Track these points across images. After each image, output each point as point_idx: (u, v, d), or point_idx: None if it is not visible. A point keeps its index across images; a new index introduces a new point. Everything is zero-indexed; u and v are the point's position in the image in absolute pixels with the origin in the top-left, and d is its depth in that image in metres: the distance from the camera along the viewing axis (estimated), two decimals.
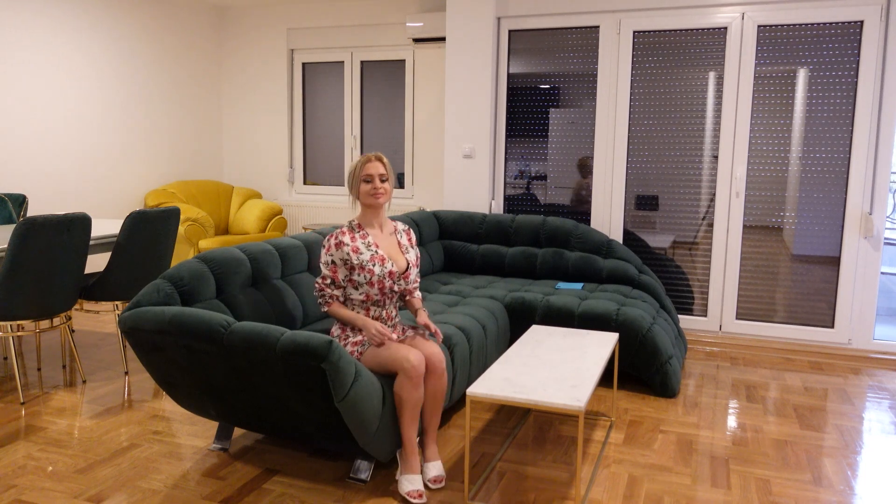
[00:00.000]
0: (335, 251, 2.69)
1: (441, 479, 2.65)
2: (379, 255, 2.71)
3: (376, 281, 2.68)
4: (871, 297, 4.39)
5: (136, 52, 5.92)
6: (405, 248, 2.84)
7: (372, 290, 2.70)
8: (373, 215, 2.78)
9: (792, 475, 2.79)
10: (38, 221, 3.23)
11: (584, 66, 4.94)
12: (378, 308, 2.75)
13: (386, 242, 2.79)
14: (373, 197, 2.71)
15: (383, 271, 2.70)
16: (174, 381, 2.67)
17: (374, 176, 2.70)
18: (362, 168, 2.71)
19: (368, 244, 2.72)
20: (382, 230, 2.81)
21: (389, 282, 2.71)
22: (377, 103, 6.45)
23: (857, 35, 4.26)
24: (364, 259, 2.68)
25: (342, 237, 2.70)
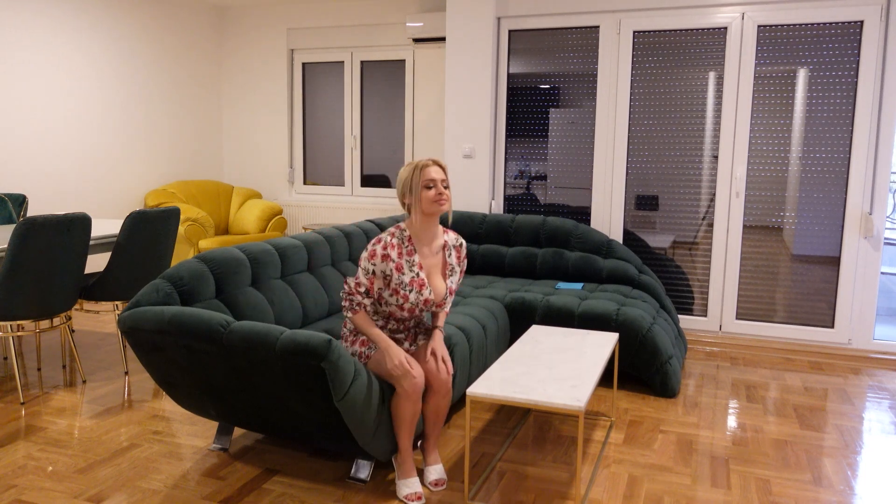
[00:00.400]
0: (379, 262, 2.51)
1: (443, 483, 2.64)
2: (419, 280, 2.55)
3: (408, 308, 2.56)
4: (871, 297, 4.39)
5: (137, 52, 5.92)
6: (450, 269, 2.68)
7: (399, 313, 2.59)
8: (429, 225, 2.58)
9: (792, 475, 2.79)
10: (38, 221, 3.23)
11: (584, 66, 4.94)
12: (397, 322, 2.67)
13: (431, 262, 2.61)
14: (437, 204, 2.51)
15: (419, 299, 2.56)
16: (174, 381, 2.67)
17: (437, 181, 2.51)
18: (422, 173, 2.50)
19: (412, 264, 2.55)
20: (432, 245, 2.62)
21: (422, 307, 2.60)
22: (377, 103, 6.45)
23: (857, 35, 4.26)
24: (403, 281, 2.52)
25: (390, 251, 2.51)
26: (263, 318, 2.99)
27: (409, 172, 2.53)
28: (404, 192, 2.54)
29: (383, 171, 6.49)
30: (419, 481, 2.59)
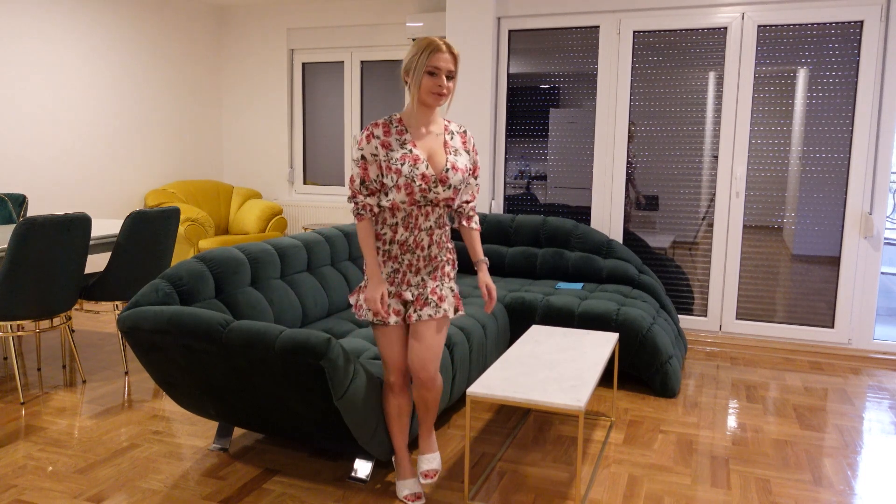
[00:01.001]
0: (365, 144, 2.25)
1: (433, 474, 2.52)
2: (412, 155, 2.24)
3: (403, 184, 2.22)
4: (871, 297, 4.39)
5: (137, 52, 5.92)
6: (452, 150, 2.33)
7: (398, 196, 2.24)
8: (423, 114, 2.29)
9: (792, 475, 2.78)
10: (38, 221, 3.23)
11: (584, 66, 4.94)
12: (407, 232, 2.31)
13: (427, 142, 2.30)
14: (434, 95, 2.22)
15: (413, 172, 2.23)
16: (174, 381, 2.67)
17: (442, 71, 2.20)
18: (430, 56, 2.19)
19: (403, 142, 2.26)
20: (428, 129, 2.32)
21: (422, 186, 2.24)
22: (377, 103, 6.45)
23: (857, 35, 4.26)
24: (394, 157, 2.23)
25: (375, 130, 2.25)
26: (263, 317, 2.99)
27: (418, 50, 2.21)
28: (407, 69, 2.25)
29: None
30: (418, 482, 2.58)
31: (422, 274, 2.36)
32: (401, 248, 2.33)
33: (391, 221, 2.31)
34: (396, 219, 2.30)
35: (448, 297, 2.40)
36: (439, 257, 2.38)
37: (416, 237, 2.32)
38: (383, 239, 2.34)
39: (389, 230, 2.32)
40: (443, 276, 2.39)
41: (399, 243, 2.32)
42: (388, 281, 2.36)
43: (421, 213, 2.30)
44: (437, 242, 2.36)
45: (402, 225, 2.30)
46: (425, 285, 2.37)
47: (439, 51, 2.19)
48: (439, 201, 2.30)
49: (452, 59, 2.23)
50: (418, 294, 2.36)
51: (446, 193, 2.29)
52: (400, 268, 2.35)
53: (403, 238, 2.31)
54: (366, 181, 2.27)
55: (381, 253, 2.35)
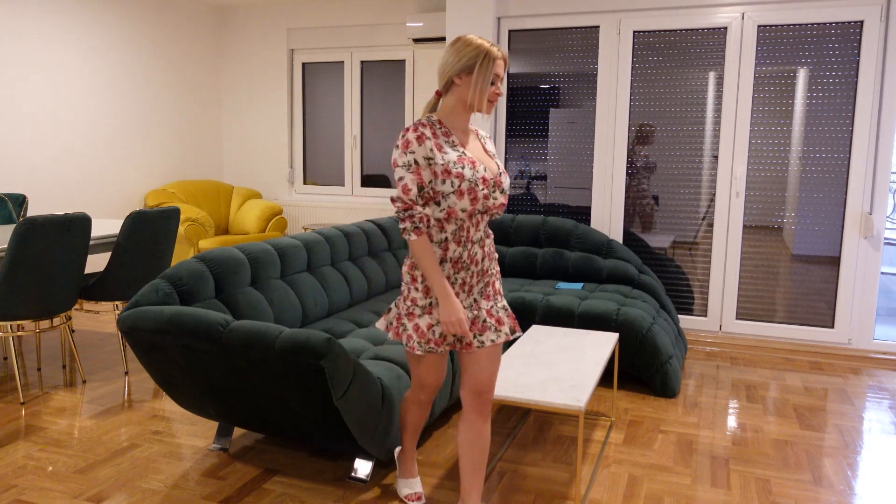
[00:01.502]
0: (417, 146, 1.99)
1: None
2: (468, 157, 2.06)
3: (467, 189, 2.00)
4: (871, 297, 4.39)
5: (136, 52, 5.92)
6: (492, 154, 2.20)
7: (460, 204, 2.01)
8: (463, 119, 2.12)
9: (792, 475, 2.78)
10: (38, 221, 3.23)
11: (584, 66, 4.94)
12: (460, 248, 2.07)
13: (471, 143, 2.15)
14: (490, 105, 2.08)
15: (475, 176, 2.03)
16: (174, 381, 2.67)
17: (499, 78, 2.08)
18: (493, 64, 2.03)
19: (452, 143, 2.07)
20: (466, 133, 2.15)
21: (484, 191, 2.04)
22: (377, 103, 6.45)
23: (857, 35, 4.26)
24: (450, 160, 2.01)
25: (424, 130, 2.02)
26: (263, 317, 2.99)
27: (476, 52, 2.02)
28: (459, 71, 2.03)
29: (383, 171, 6.49)
30: (420, 481, 2.58)
31: (474, 293, 2.14)
32: (454, 266, 2.08)
33: (439, 237, 2.06)
34: (445, 233, 2.05)
35: (504, 318, 2.18)
36: (490, 271, 2.18)
37: (470, 251, 2.09)
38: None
39: (439, 248, 2.06)
40: (495, 295, 2.19)
41: (452, 261, 2.08)
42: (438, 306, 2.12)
43: (472, 224, 2.08)
44: (489, 255, 2.17)
45: (453, 240, 2.06)
46: (479, 306, 2.15)
47: (498, 59, 2.05)
48: (495, 208, 2.10)
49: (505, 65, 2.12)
50: (473, 318, 2.13)
51: (501, 199, 2.11)
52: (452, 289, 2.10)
53: (457, 254, 2.07)
54: (423, 187, 2.00)
55: None
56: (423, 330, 2.10)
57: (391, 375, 2.62)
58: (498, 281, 2.23)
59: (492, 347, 2.14)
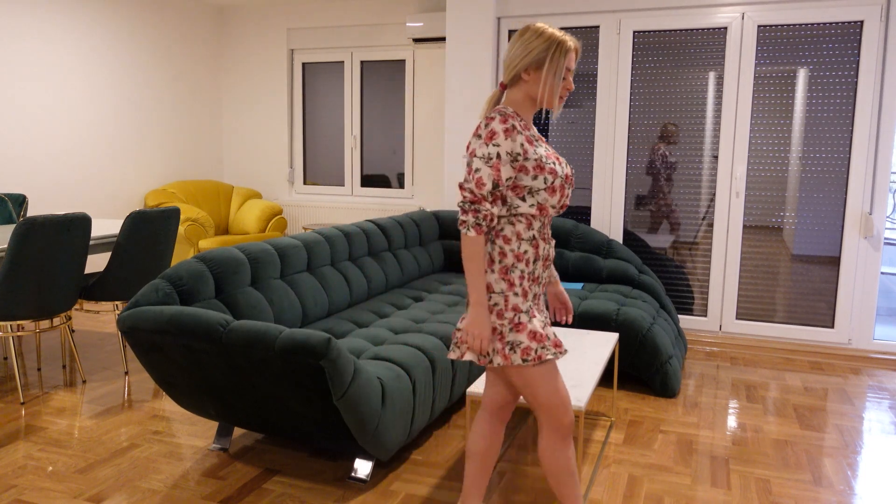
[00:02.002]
0: (503, 139, 1.82)
1: None
2: (552, 153, 1.93)
3: (559, 185, 1.88)
4: (871, 297, 4.39)
5: (136, 52, 5.92)
6: None
7: (551, 200, 1.87)
8: (530, 114, 1.96)
9: (792, 475, 2.78)
10: (38, 221, 3.23)
11: (584, 66, 4.94)
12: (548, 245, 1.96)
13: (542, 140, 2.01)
14: (561, 100, 1.93)
15: (563, 172, 1.91)
16: (174, 381, 2.67)
17: (570, 73, 1.94)
18: (565, 57, 1.88)
19: (536, 138, 1.92)
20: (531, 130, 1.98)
21: (569, 189, 1.94)
22: (377, 103, 6.45)
23: (857, 35, 4.26)
24: (541, 154, 1.86)
25: (514, 122, 1.84)
26: (263, 317, 2.99)
27: (547, 45, 1.87)
28: (527, 66, 1.87)
29: (383, 171, 6.50)
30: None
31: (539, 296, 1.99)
32: (543, 264, 1.95)
33: (528, 235, 1.88)
34: (533, 230, 1.89)
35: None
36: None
37: (551, 250, 1.97)
38: (525, 259, 1.89)
39: (530, 246, 1.89)
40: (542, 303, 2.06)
41: (543, 259, 1.93)
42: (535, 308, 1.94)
43: (548, 222, 1.95)
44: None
45: (540, 237, 1.91)
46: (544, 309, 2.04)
47: (571, 51, 1.90)
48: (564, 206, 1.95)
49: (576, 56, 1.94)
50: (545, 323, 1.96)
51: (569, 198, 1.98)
52: (539, 291, 1.96)
53: (546, 252, 1.94)
54: (499, 185, 1.83)
55: (526, 276, 1.89)
56: (541, 333, 1.88)
57: (391, 375, 2.62)
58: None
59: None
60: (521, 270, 1.89)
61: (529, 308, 1.89)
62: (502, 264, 1.89)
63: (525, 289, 1.89)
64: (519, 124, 1.85)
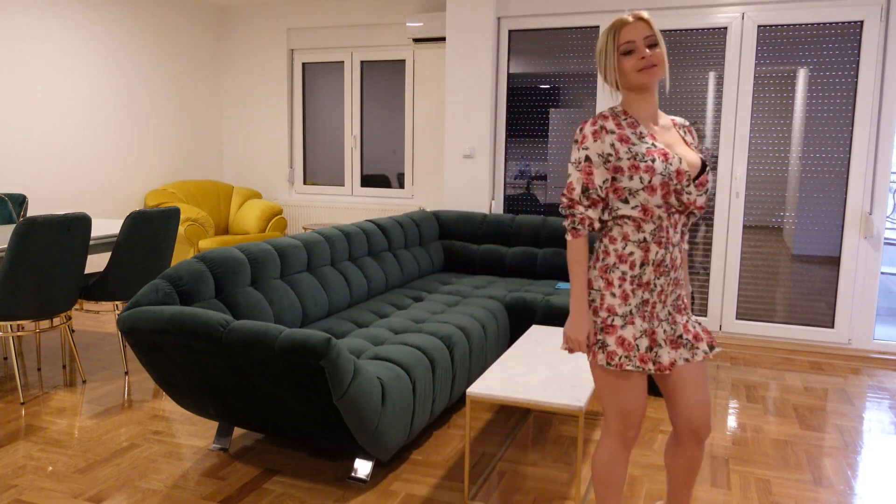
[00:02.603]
0: (591, 142, 1.82)
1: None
2: (658, 149, 1.82)
3: (658, 183, 1.78)
4: (871, 297, 4.39)
5: (136, 52, 5.92)
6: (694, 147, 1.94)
7: (653, 200, 1.80)
8: (643, 101, 1.87)
9: (792, 475, 2.78)
10: (38, 221, 3.23)
11: (584, 66, 4.94)
12: (662, 250, 1.84)
13: (662, 136, 1.88)
14: (645, 73, 1.80)
15: (668, 169, 1.79)
16: (173, 381, 2.67)
17: (638, 41, 1.80)
18: (618, 35, 1.82)
19: (640, 135, 1.84)
20: (657, 123, 1.90)
21: (677, 186, 1.81)
22: (377, 103, 6.45)
23: (857, 35, 4.26)
24: (639, 153, 1.80)
25: (604, 123, 1.83)
26: (263, 317, 2.99)
27: (603, 39, 1.85)
28: (605, 67, 1.85)
29: (383, 171, 6.49)
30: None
31: (668, 305, 1.90)
32: (656, 270, 1.84)
33: (636, 237, 1.84)
34: (644, 233, 1.83)
35: (701, 334, 1.95)
36: (681, 281, 1.93)
37: (672, 255, 1.86)
38: (630, 261, 1.84)
39: (638, 249, 1.84)
40: (685, 308, 1.95)
41: (655, 264, 1.84)
42: (640, 316, 1.86)
43: (671, 224, 1.84)
44: (684, 261, 1.95)
45: (653, 241, 1.83)
46: (674, 320, 1.92)
47: (625, 25, 1.81)
48: (693, 206, 1.84)
49: (645, 25, 1.81)
50: (671, 332, 1.91)
51: (702, 199, 1.86)
52: (650, 297, 1.86)
53: (660, 257, 1.84)
54: (589, 189, 1.83)
55: (628, 279, 1.84)
56: (630, 342, 1.84)
57: (391, 375, 2.62)
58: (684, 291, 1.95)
59: (694, 373, 1.91)
60: (623, 272, 1.85)
61: (628, 313, 1.85)
62: (604, 263, 1.87)
63: (626, 292, 1.84)
64: (613, 123, 1.83)
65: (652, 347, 1.86)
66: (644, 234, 1.83)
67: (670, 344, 1.89)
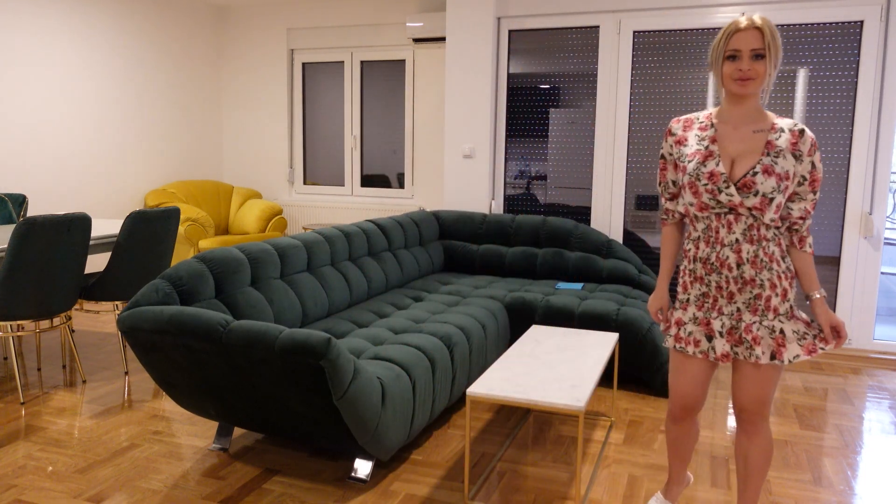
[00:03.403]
0: (664, 142, 2.08)
1: None
2: (705, 151, 1.96)
3: (688, 182, 1.96)
4: (871, 297, 4.38)
5: (136, 52, 5.92)
6: (776, 151, 1.92)
7: (687, 198, 1.98)
8: (733, 106, 1.97)
9: (792, 475, 2.78)
10: (38, 221, 3.23)
11: (584, 66, 4.94)
12: (708, 248, 1.98)
13: (738, 139, 1.95)
14: (738, 83, 1.90)
15: (699, 170, 1.94)
16: (174, 381, 2.67)
17: (744, 52, 1.87)
18: (728, 40, 1.89)
19: (702, 138, 1.99)
20: (743, 126, 1.97)
21: (708, 186, 1.93)
22: (377, 103, 6.45)
23: (857, 35, 4.26)
24: (684, 154, 2.00)
25: (674, 125, 2.05)
26: (263, 317, 2.99)
27: (718, 38, 1.94)
28: (712, 61, 1.97)
29: (383, 171, 6.49)
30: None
31: (737, 302, 1.98)
32: (704, 266, 2.00)
33: (694, 235, 2.03)
34: (698, 231, 2.01)
35: (765, 339, 1.96)
36: (759, 280, 1.95)
37: (720, 253, 1.96)
38: (689, 256, 2.06)
39: (693, 245, 2.03)
40: (766, 311, 1.97)
41: (702, 261, 2.00)
42: (697, 305, 2.04)
43: (721, 224, 1.95)
44: (752, 261, 1.94)
45: (703, 239, 2.00)
46: (740, 317, 1.99)
47: (738, 31, 1.88)
48: (736, 206, 1.92)
49: (759, 35, 1.86)
50: (731, 327, 2.00)
51: (751, 201, 1.90)
52: (709, 291, 2.01)
53: (705, 255, 1.99)
54: (662, 182, 2.12)
55: (688, 273, 2.06)
56: (674, 323, 2.12)
57: (391, 375, 2.62)
58: (778, 297, 1.97)
59: (753, 368, 1.99)
60: (684, 266, 2.08)
61: (685, 301, 2.08)
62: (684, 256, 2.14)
63: (686, 283, 2.08)
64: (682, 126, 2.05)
65: (711, 337, 2.03)
66: (698, 233, 2.02)
67: (728, 337, 2.01)
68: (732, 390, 2.09)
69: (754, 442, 2.09)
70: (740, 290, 1.97)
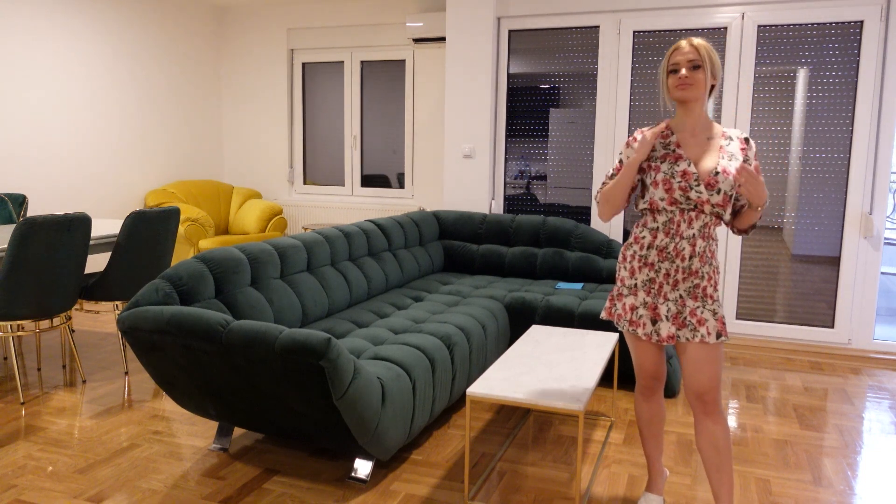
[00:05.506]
0: (625, 149, 2.27)
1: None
2: (674, 154, 2.18)
3: (661, 180, 2.14)
4: (871, 297, 4.39)
5: (137, 52, 5.92)
6: (727, 154, 2.16)
7: (658, 193, 2.15)
8: (684, 115, 2.20)
9: (792, 475, 2.78)
10: (38, 221, 3.23)
11: (584, 66, 4.94)
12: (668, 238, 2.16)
13: (696, 145, 2.18)
14: (678, 90, 2.14)
15: (673, 170, 2.15)
16: (174, 381, 2.67)
17: (682, 64, 2.13)
18: (670, 58, 2.17)
19: (667, 144, 2.21)
20: (698, 133, 2.20)
21: (681, 183, 2.13)
22: (377, 103, 6.45)
23: (857, 35, 4.26)
24: (654, 156, 2.19)
25: (638, 134, 2.25)
26: (263, 317, 2.99)
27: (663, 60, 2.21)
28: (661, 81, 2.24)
29: (383, 171, 6.49)
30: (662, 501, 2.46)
31: (680, 289, 2.17)
32: (659, 254, 2.18)
33: (652, 225, 2.19)
34: (657, 223, 2.18)
35: (709, 321, 2.14)
36: (701, 272, 2.15)
37: (678, 245, 2.15)
38: (641, 243, 2.21)
39: (649, 234, 2.20)
40: (705, 298, 2.16)
41: (658, 249, 2.18)
42: (645, 290, 2.21)
43: (684, 219, 2.15)
44: (700, 255, 2.14)
45: (662, 230, 2.17)
46: (684, 303, 2.17)
47: (677, 48, 2.16)
48: (703, 203, 2.11)
49: (693, 50, 2.12)
50: (676, 312, 2.17)
51: (715, 198, 2.10)
52: (656, 277, 2.19)
53: (664, 244, 2.16)
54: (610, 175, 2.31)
55: (637, 258, 2.22)
56: (628, 308, 2.26)
57: (391, 375, 2.62)
58: (711, 287, 2.17)
59: (701, 348, 2.14)
60: (634, 251, 2.24)
61: (633, 287, 2.24)
62: (626, 243, 2.30)
63: (633, 268, 2.24)
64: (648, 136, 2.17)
65: (655, 321, 2.20)
66: (657, 224, 2.18)
67: (673, 321, 2.17)
68: (685, 378, 2.19)
69: (720, 423, 2.17)
70: (684, 279, 2.17)
